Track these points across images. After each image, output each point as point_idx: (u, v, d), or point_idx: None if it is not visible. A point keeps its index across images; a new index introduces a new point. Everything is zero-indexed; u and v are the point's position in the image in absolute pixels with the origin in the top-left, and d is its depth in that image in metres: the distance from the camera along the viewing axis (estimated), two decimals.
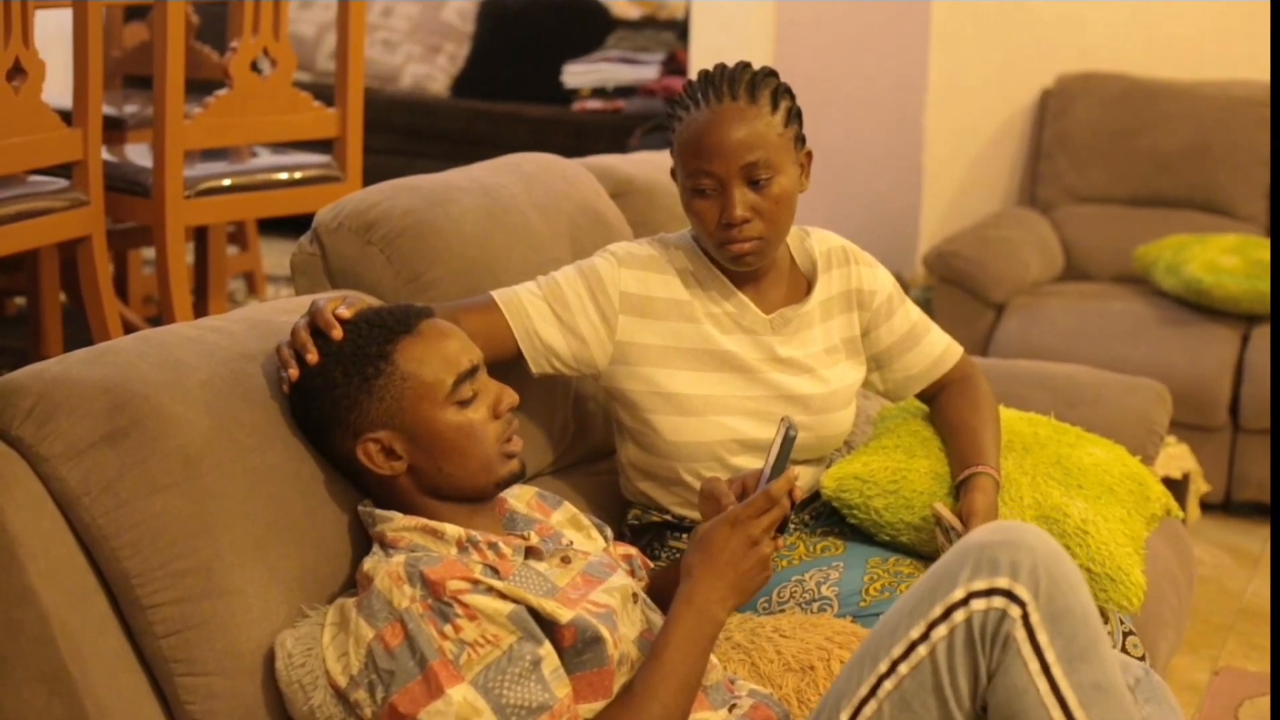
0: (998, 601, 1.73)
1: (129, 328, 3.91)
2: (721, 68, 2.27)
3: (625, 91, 6.70)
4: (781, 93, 2.26)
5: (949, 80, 5.14)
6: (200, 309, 4.35)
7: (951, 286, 4.62)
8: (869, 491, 2.37)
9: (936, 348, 2.52)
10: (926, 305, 4.48)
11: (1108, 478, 2.47)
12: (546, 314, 2.29)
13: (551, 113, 6.78)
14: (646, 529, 2.43)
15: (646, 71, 6.65)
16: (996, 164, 5.31)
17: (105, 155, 3.72)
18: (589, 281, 2.30)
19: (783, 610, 2.27)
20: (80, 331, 3.74)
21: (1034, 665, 1.72)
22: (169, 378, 1.86)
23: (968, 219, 5.17)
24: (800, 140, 2.30)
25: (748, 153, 2.21)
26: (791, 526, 2.40)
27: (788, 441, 1.84)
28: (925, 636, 1.76)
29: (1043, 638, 1.72)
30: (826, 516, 2.47)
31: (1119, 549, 2.33)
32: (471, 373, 1.90)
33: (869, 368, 2.50)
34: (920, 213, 5.19)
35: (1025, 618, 1.73)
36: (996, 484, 2.32)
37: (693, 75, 5.23)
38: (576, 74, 6.78)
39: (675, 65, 6.53)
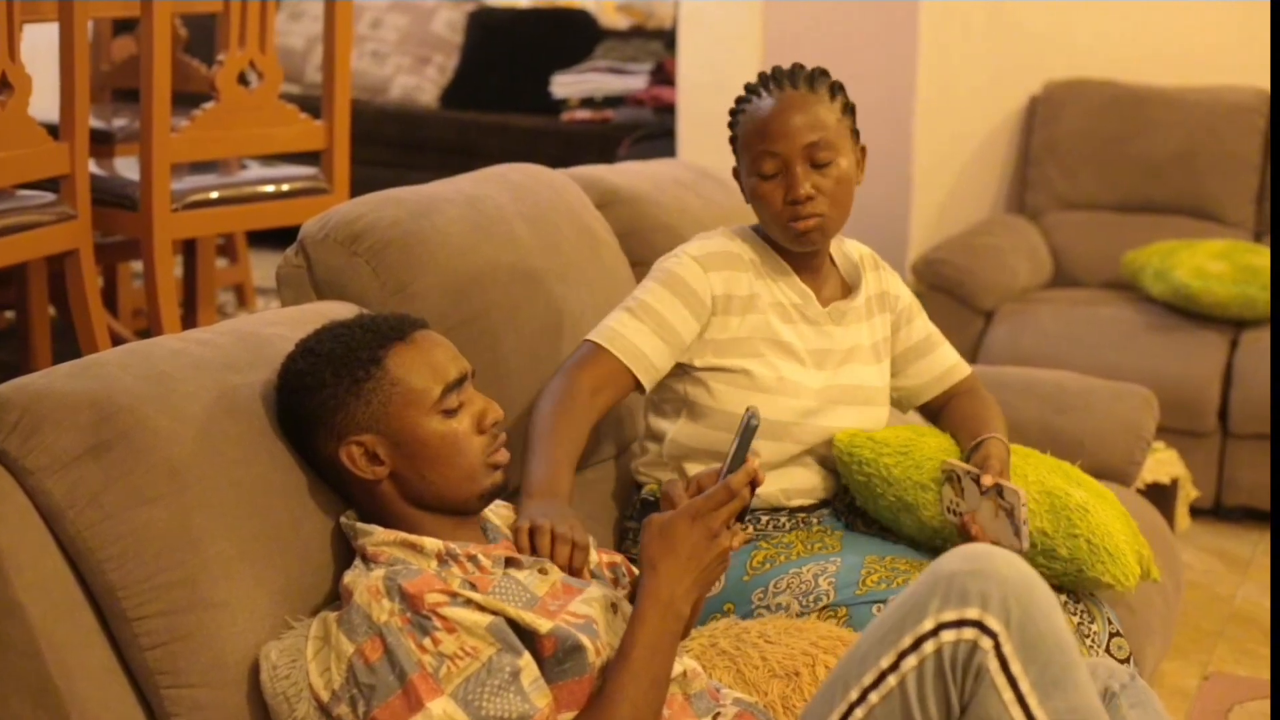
0: (968, 633, 1.72)
1: (118, 341, 3.91)
2: (778, 67, 2.38)
3: (614, 101, 6.70)
4: (838, 87, 2.38)
5: (937, 88, 5.15)
6: (189, 321, 4.35)
7: (941, 294, 4.63)
8: (881, 450, 2.42)
9: (947, 360, 2.62)
10: None
11: (1104, 499, 2.50)
12: (660, 348, 2.36)
13: (540, 123, 6.78)
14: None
15: (635, 81, 6.65)
16: (985, 171, 5.32)
17: (93, 169, 3.72)
18: (681, 295, 2.38)
19: (778, 600, 2.29)
20: (69, 345, 3.74)
21: (1008, 695, 1.71)
22: (154, 390, 1.85)
23: (957, 226, 5.18)
24: (856, 134, 2.39)
25: (810, 133, 2.31)
26: (750, 518, 2.42)
27: (748, 432, 1.80)
28: (895, 666, 1.75)
29: (1016, 667, 1.71)
30: (826, 518, 2.49)
31: (1118, 532, 2.36)
32: (459, 382, 1.89)
33: None
34: (909, 220, 5.19)
35: (998, 648, 1.71)
36: (1008, 449, 2.40)
37: (681, 84, 5.28)
38: (565, 84, 6.78)
39: (663, 75, 6.52)
